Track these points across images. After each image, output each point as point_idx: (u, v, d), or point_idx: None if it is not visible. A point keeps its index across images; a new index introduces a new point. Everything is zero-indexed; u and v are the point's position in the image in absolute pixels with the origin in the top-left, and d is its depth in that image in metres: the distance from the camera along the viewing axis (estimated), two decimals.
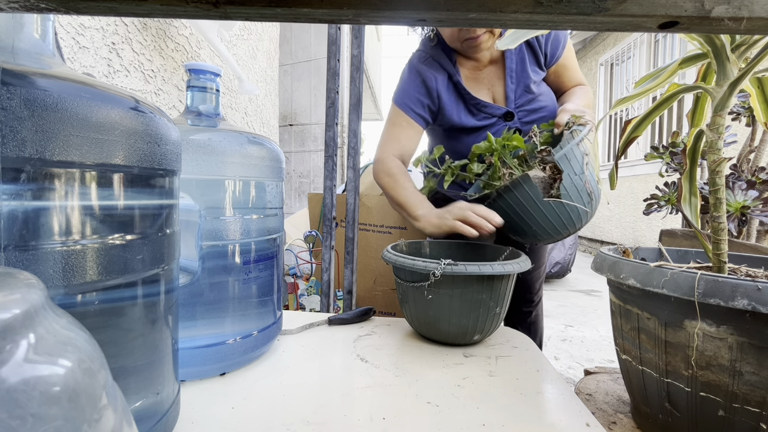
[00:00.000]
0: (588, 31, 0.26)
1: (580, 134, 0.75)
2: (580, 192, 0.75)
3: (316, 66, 3.64)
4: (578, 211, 0.76)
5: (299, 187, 3.68)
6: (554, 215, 0.76)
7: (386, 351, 0.66)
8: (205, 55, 1.45)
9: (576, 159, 0.75)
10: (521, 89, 0.97)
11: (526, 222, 0.78)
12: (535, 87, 0.97)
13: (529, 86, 0.96)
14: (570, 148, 0.74)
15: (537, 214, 0.76)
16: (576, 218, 0.77)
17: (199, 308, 0.53)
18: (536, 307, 1.15)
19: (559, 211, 0.76)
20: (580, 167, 0.75)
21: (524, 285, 1.11)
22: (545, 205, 0.75)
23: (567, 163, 0.74)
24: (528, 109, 0.97)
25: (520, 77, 0.97)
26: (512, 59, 0.96)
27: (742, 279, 0.50)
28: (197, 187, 0.52)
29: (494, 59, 0.99)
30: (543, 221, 0.77)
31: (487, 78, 1.00)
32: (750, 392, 0.51)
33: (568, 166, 0.74)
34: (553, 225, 0.77)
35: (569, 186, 0.74)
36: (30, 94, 0.26)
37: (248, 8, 0.23)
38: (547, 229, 0.78)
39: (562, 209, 0.75)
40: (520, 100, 0.97)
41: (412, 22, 0.25)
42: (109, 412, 0.15)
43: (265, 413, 0.47)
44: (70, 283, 0.29)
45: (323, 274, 1.01)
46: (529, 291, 1.12)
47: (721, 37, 0.58)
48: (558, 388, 0.55)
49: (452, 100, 1.00)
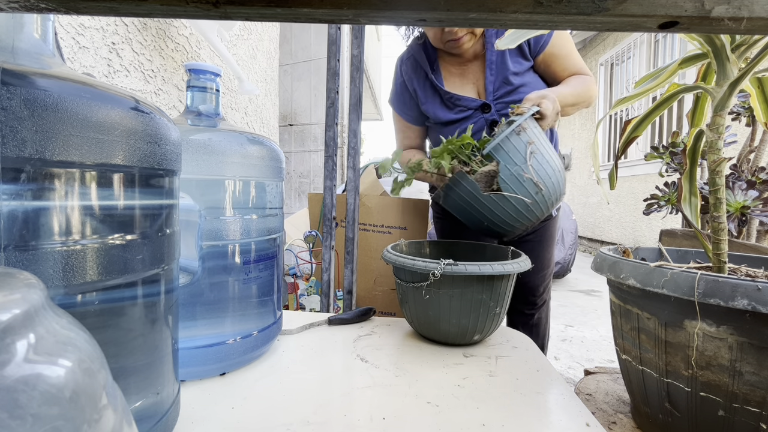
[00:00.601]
0: (588, 31, 0.26)
1: (514, 124, 0.73)
2: (523, 183, 0.73)
3: (316, 66, 3.64)
4: (524, 203, 0.74)
5: (299, 187, 3.68)
6: (499, 209, 0.74)
7: (386, 351, 0.66)
8: (205, 55, 1.45)
9: (516, 149, 0.72)
10: (500, 81, 0.97)
11: (477, 218, 0.77)
12: (516, 78, 0.96)
13: (508, 78, 0.96)
14: (504, 138, 0.72)
15: (483, 209, 0.75)
16: (525, 210, 0.75)
17: (199, 308, 0.53)
18: (540, 310, 1.14)
19: (504, 204, 0.74)
20: (522, 157, 0.72)
21: (526, 287, 1.10)
22: (487, 199, 0.73)
23: (504, 155, 0.72)
24: (507, 100, 0.97)
25: (499, 69, 0.97)
26: (492, 52, 0.97)
27: (742, 279, 0.50)
28: (197, 187, 0.52)
29: (477, 54, 1.00)
30: (491, 215, 0.76)
31: (472, 72, 1.02)
32: (750, 392, 0.51)
33: (505, 157, 0.72)
34: (502, 218, 0.75)
35: (508, 177, 0.72)
36: (30, 94, 0.26)
37: (248, 8, 0.23)
38: (498, 223, 0.76)
39: (505, 202, 0.73)
40: (499, 92, 0.97)
41: (412, 22, 0.25)
42: (109, 412, 0.15)
43: (265, 413, 0.47)
44: (70, 283, 0.29)
45: (323, 274, 1.01)
46: (532, 293, 1.11)
47: (721, 37, 0.58)
48: (558, 388, 0.55)
49: (428, 97, 1.04)
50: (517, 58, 0.97)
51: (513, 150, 0.72)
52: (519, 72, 0.96)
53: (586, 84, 0.94)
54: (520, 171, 0.72)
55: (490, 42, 0.96)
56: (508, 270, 0.64)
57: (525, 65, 0.97)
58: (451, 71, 1.03)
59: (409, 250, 0.86)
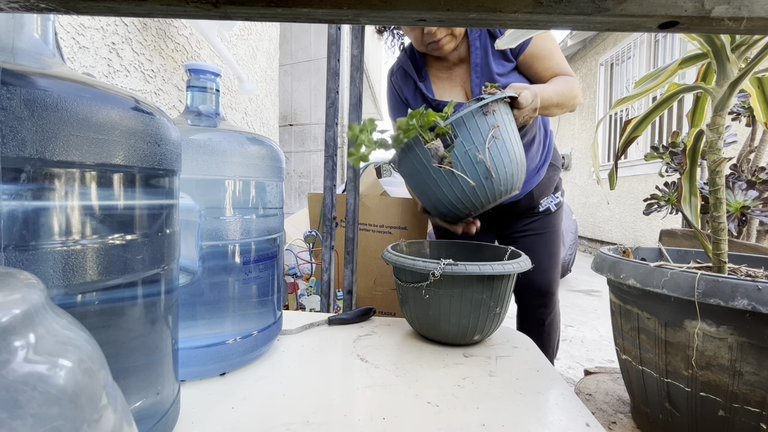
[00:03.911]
0: (588, 31, 0.26)
1: (482, 101, 0.70)
2: (475, 164, 0.70)
3: (316, 66, 3.63)
4: (469, 185, 0.71)
5: (299, 187, 3.68)
6: (446, 185, 0.72)
7: (386, 351, 0.66)
8: (205, 55, 1.45)
9: (477, 128, 0.69)
10: (485, 83, 0.96)
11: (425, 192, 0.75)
12: (501, 79, 0.96)
13: (493, 78, 0.96)
14: (469, 114, 0.69)
15: (430, 182, 0.73)
16: (469, 192, 0.72)
17: (199, 308, 0.53)
18: (549, 315, 1.11)
19: (450, 182, 0.71)
20: (481, 138, 0.69)
21: (532, 288, 1.09)
22: (436, 172, 0.71)
23: (465, 131, 0.69)
24: None
25: (483, 71, 0.97)
26: (477, 54, 0.97)
27: (742, 279, 0.50)
28: (197, 187, 0.52)
29: (462, 57, 1.01)
30: (437, 191, 0.73)
31: (459, 76, 1.03)
32: (750, 392, 0.51)
33: (465, 134, 0.69)
34: (447, 197, 0.73)
35: (462, 155, 0.69)
36: (30, 94, 0.26)
37: (248, 8, 0.23)
38: (443, 201, 0.74)
39: (453, 179, 0.71)
40: None
41: (412, 22, 0.25)
42: (109, 412, 0.15)
43: (265, 413, 0.47)
44: (70, 283, 0.29)
45: (323, 274, 1.01)
46: (539, 295, 1.09)
47: (721, 37, 0.58)
48: (558, 388, 0.55)
49: (419, 105, 1.05)
50: (499, 60, 0.97)
51: (474, 128, 0.69)
52: (503, 73, 0.97)
53: (570, 84, 0.93)
54: (475, 151, 0.69)
55: (475, 45, 0.97)
56: (508, 270, 0.64)
57: (508, 66, 0.98)
58: (439, 76, 1.05)
59: (409, 250, 0.86)
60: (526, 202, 1.07)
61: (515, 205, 1.07)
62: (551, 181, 1.10)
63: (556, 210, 1.11)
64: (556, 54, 0.97)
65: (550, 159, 1.10)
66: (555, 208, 1.11)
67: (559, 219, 1.13)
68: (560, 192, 1.14)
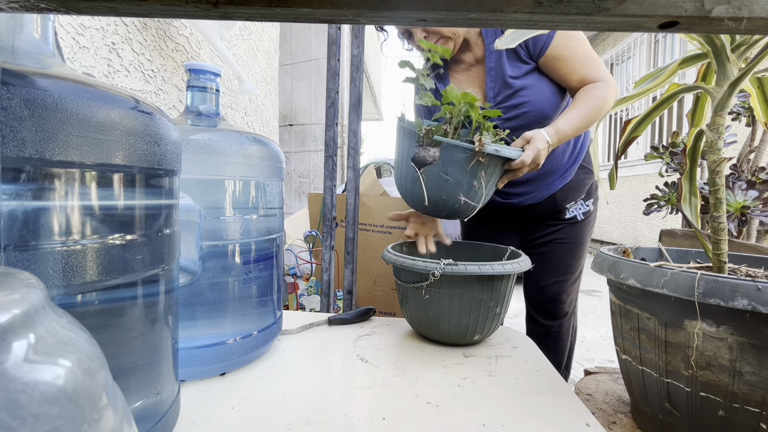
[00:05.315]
0: (588, 31, 0.26)
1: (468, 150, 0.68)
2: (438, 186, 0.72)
3: (316, 66, 3.64)
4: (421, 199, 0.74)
5: (299, 187, 3.68)
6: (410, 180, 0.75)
7: (386, 351, 0.66)
8: (205, 55, 1.45)
9: (459, 165, 0.70)
10: (499, 86, 0.95)
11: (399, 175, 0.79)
12: (515, 81, 0.93)
13: (507, 82, 0.93)
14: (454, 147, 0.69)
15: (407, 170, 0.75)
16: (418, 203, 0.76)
17: (199, 308, 0.53)
18: (559, 322, 1.06)
19: (414, 182, 0.74)
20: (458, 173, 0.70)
21: (545, 293, 1.03)
22: (409, 165, 0.74)
23: (447, 156, 0.70)
24: (507, 105, 0.94)
25: (498, 74, 0.95)
26: (491, 57, 0.95)
27: (742, 279, 0.50)
28: (197, 187, 0.52)
29: (479, 58, 0.99)
30: (403, 179, 0.77)
31: (477, 77, 1.01)
32: (750, 392, 0.51)
33: (446, 159, 0.70)
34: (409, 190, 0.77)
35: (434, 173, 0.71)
36: (30, 94, 0.26)
37: (248, 8, 0.23)
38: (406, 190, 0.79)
39: (416, 181, 0.74)
40: (500, 97, 0.96)
41: (412, 22, 0.25)
42: (109, 412, 0.15)
43: (265, 413, 0.47)
44: (70, 283, 0.29)
45: (323, 274, 1.01)
46: (550, 302, 1.04)
47: (721, 37, 0.58)
48: (558, 388, 0.55)
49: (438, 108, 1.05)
50: (514, 62, 0.94)
51: (457, 162, 0.70)
52: (517, 75, 0.94)
53: (595, 100, 0.85)
54: (446, 179, 0.71)
55: (489, 49, 0.95)
56: (508, 270, 0.64)
57: (524, 68, 0.94)
58: (458, 78, 1.03)
59: (410, 250, 0.86)
60: (549, 206, 1.00)
61: (536, 207, 1.01)
62: (580, 186, 1.02)
63: (583, 219, 1.03)
64: (582, 55, 0.89)
65: (581, 160, 1.01)
66: (582, 217, 1.02)
67: (586, 230, 1.04)
68: (592, 200, 1.05)
